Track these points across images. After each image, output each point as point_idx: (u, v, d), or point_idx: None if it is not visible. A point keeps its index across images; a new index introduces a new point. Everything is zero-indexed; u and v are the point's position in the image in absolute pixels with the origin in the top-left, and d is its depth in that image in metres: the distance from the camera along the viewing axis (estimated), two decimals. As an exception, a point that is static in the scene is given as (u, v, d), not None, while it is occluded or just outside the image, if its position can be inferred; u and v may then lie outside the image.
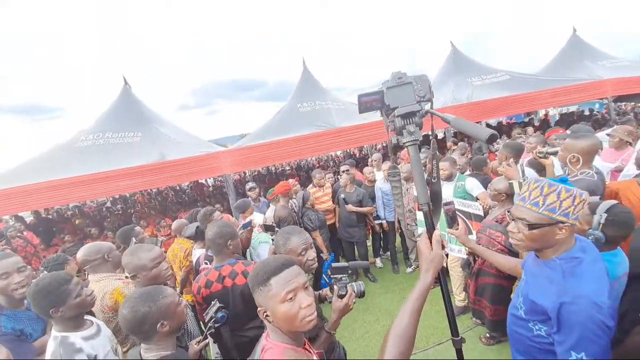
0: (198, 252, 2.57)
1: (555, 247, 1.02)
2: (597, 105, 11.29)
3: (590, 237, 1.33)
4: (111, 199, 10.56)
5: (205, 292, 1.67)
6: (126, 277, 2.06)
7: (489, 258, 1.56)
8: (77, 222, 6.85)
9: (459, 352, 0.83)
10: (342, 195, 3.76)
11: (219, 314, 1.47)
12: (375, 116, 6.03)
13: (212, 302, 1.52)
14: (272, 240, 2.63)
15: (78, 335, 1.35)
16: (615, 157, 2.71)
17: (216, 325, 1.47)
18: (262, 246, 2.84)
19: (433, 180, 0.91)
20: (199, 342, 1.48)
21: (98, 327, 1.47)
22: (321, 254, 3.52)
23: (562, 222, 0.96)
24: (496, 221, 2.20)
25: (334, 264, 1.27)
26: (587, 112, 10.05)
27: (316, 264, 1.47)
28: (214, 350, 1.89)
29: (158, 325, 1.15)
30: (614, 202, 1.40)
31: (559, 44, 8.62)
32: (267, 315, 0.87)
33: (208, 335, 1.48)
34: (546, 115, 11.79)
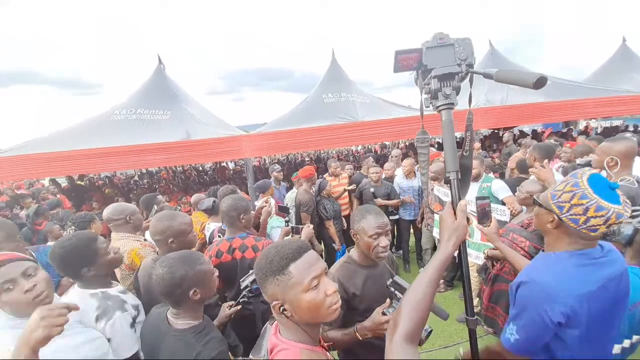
0: (212, 226, 2.64)
1: (551, 240, 1.03)
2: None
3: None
4: (139, 173, 11.10)
5: (215, 261, 1.71)
6: (145, 239, 2.16)
7: (514, 260, 1.47)
8: (106, 191, 7.27)
9: (473, 332, 0.80)
10: (372, 190, 3.74)
11: (255, 285, 1.46)
12: (398, 112, 5.94)
13: (250, 271, 1.51)
14: (286, 222, 2.64)
15: (115, 290, 1.36)
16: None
17: (250, 295, 1.48)
18: (275, 231, 2.86)
19: (465, 154, 0.87)
20: (230, 306, 1.49)
21: (123, 286, 1.48)
22: (333, 244, 3.53)
23: (553, 212, 0.97)
24: (521, 226, 2.07)
25: (397, 279, 1.17)
26: (631, 128, 9.26)
27: (387, 253, 1.34)
28: None
29: (191, 292, 1.12)
30: None
31: (607, 53, 8.02)
32: (284, 310, 0.77)
33: (240, 303, 1.49)
34: (587, 127, 11.00)
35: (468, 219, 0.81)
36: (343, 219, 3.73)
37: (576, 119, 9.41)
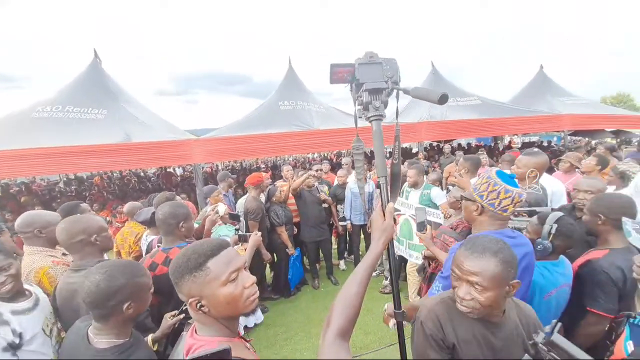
0: (150, 238, 2.42)
1: (476, 225, 1.28)
2: (555, 138, 12.34)
3: (539, 247, 1.39)
4: (65, 179, 9.77)
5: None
6: (63, 254, 1.89)
7: (443, 259, 1.63)
8: (22, 199, 6.25)
9: (400, 325, 0.85)
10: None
11: None
12: (351, 123, 6.19)
13: None
14: (236, 231, 2.54)
15: (8, 307, 1.23)
16: (564, 180, 2.94)
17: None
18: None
19: (395, 162, 0.94)
20: (173, 316, 1.39)
21: (36, 302, 1.33)
22: (287, 249, 3.49)
23: (475, 201, 1.24)
24: (451, 227, 2.30)
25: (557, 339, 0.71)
26: (545, 144, 10.92)
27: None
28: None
29: (125, 306, 1.01)
30: (561, 213, 1.47)
31: (527, 78, 9.43)
32: (201, 306, 0.77)
33: (184, 311, 1.38)
34: (510, 142, 12.67)
35: (395, 220, 0.88)
36: (294, 225, 3.73)
37: (502, 135, 10.79)
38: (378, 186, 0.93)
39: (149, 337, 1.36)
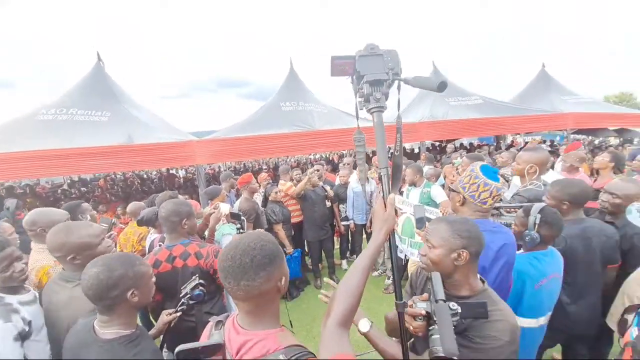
0: (154, 237, 2.44)
1: (459, 215, 1.33)
2: (557, 138, 12.26)
3: (527, 238, 1.42)
4: (69, 181, 9.85)
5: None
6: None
7: None
8: (27, 201, 6.30)
9: (401, 315, 0.85)
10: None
11: (195, 292, 1.42)
12: (354, 123, 6.21)
13: (193, 277, 1.47)
14: (238, 229, 2.56)
15: (15, 298, 1.27)
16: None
17: (190, 302, 1.42)
18: (226, 238, 2.76)
19: (396, 154, 0.94)
20: (170, 314, 1.41)
21: (35, 296, 1.37)
22: (284, 249, 3.50)
23: (459, 193, 1.33)
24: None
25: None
26: (548, 143, 10.86)
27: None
28: None
29: (129, 294, 1.03)
30: (543, 204, 1.51)
31: (528, 77, 9.40)
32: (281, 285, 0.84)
33: (179, 310, 1.43)
34: (512, 142, 12.61)
35: (396, 211, 0.89)
36: (291, 225, 3.75)
37: (504, 134, 10.74)
38: (380, 180, 0.93)
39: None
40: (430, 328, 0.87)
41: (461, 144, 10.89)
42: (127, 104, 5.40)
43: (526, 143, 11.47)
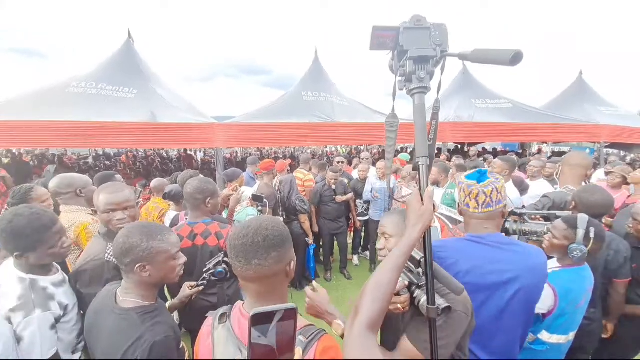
0: (173, 214, 2.47)
1: (465, 227, 1.23)
2: (587, 150, 11.66)
3: (576, 252, 1.29)
4: (94, 154, 10.20)
5: (173, 248, 1.59)
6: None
7: None
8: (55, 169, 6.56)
9: (433, 321, 0.78)
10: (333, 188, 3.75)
11: (218, 269, 1.43)
12: (374, 117, 6.09)
13: (219, 254, 1.49)
14: (259, 212, 2.57)
15: (48, 280, 1.19)
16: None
17: (212, 278, 1.44)
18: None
19: (430, 142, 0.84)
20: (192, 287, 1.42)
21: (64, 278, 1.30)
22: (306, 239, 3.50)
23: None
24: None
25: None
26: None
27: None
28: None
29: (137, 266, 1.00)
30: (587, 216, 1.36)
31: (565, 83, 8.91)
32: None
33: (199, 285, 1.45)
34: (539, 150, 12.08)
35: (435, 206, 0.80)
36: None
37: (531, 141, 10.28)
38: (416, 175, 0.84)
39: (166, 304, 1.38)
40: (415, 295, 0.83)
41: (483, 148, 10.52)
42: (153, 83, 5.48)
43: (554, 152, 10.99)
